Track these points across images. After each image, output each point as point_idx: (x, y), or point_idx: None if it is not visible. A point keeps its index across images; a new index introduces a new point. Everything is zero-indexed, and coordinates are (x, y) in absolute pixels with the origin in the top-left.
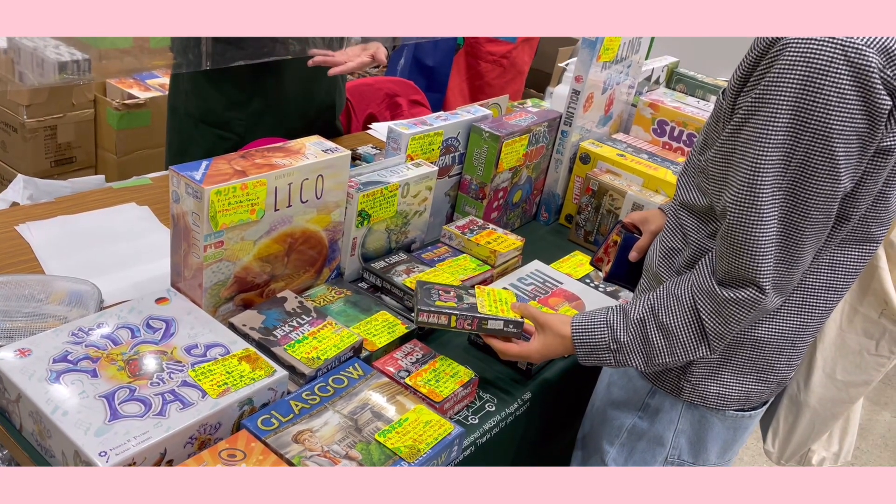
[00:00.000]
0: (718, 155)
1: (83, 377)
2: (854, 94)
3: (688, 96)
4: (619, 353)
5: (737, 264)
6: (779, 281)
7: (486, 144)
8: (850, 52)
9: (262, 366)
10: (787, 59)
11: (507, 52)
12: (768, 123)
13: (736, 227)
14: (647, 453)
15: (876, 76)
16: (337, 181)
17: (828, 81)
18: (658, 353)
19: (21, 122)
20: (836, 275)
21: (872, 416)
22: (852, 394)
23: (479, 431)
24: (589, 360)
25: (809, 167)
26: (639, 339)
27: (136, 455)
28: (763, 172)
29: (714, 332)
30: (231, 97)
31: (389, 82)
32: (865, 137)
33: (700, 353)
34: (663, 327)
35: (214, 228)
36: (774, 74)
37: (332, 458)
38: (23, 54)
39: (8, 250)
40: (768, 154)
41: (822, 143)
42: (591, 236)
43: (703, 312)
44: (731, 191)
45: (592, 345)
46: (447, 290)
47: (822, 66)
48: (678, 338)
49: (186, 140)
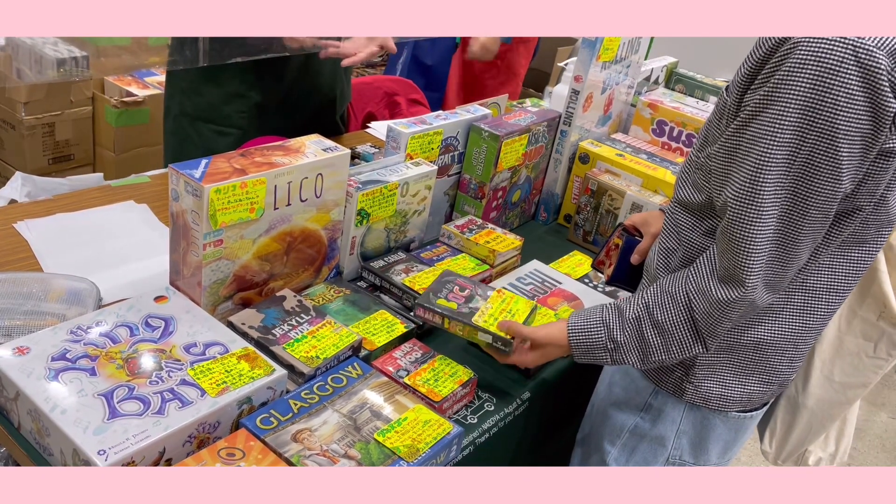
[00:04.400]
0: (721, 150)
1: (82, 375)
2: (862, 95)
3: (687, 96)
4: (616, 352)
5: (731, 259)
6: (770, 278)
7: (486, 144)
8: (861, 53)
9: (261, 365)
10: (798, 58)
11: (502, 54)
12: (776, 121)
13: (735, 223)
14: (649, 454)
15: (884, 78)
16: (336, 180)
17: (837, 81)
18: (654, 352)
19: (19, 119)
20: (838, 277)
21: (869, 416)
22: (850, 395)
23: (478, 431)
24: (585, 359)
25: (813, 166)
26: (635, 338)
27: (135, 454)
28: (767, 169)
29: (706, 330)
30: (230, 90)
31: (388, 81)
32: (869, 139)
33: (696, 350)
34: (658, 326)
35: (214, 227)
36: (784, 72)
37: (331, 457)
38: (21, 51)
39: (6, 248)
40: (774, 151)
41: (827, 143)
42: (589, 236)
43: (696, 311)
44: (733, 186)
45: (589, 344)
46: (463, 288)
47: (833, 66)
48: (673, 336)
49: (184, 141)
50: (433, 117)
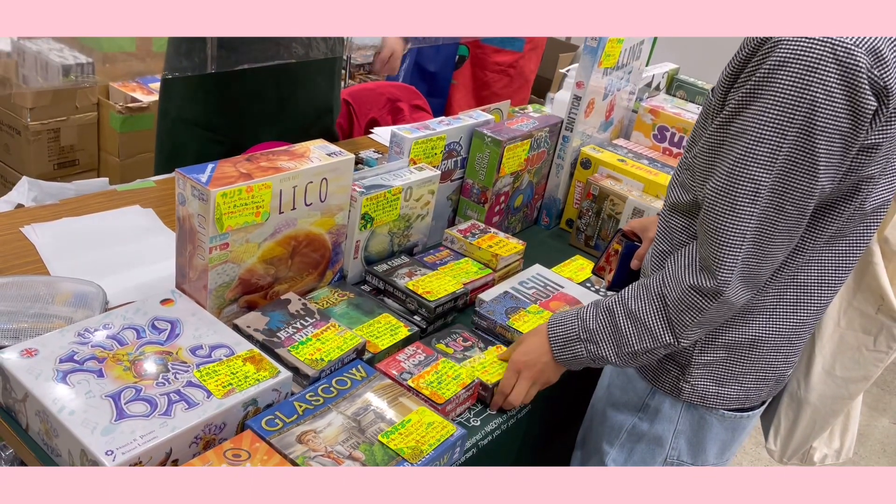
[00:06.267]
0: (705, 148)
1: (89, 377)
2: (841, 93)
3: (688, 102)
4: (590, 342)
5: (706, 250)
6: (746, 275)
7: (488, 149)
8: (840, 51)
9: (267, 367)
10: (778, 57)
11: (514, 62)
12: (757, 118)
13: (711, 214)
14: (647, 454)
15: (863, 76)
16: (341, 184)
17: (816, 79)
18: (627, 341)
19: (24, 125)
20: (828, 271)
21: (871, 421)
22: (852, 390)
23: (481, 433)
24: (564, 354)
25: (791, 163)
26: (608, 327)
27: (142, 454)
28: (747, 165)
29: (677, 319)
30: (228, 100)
31: (391, 87)
32: (848, 137)
33: (666, 340)
34: (631, 314)
35: (220, 230)
36: (764, 71)
37: (336, 458)
38: (27, 57)
39: (13, 252)
40: (755, 148)
41: (805, 140)
42: (591, 241)
43: (668, 298)
44: (713, 180)
45: (563, 336)
46: (467, 339)
47: (812, 65)
48: (645, 324)
49: (178, 144)
50: (436, 122)
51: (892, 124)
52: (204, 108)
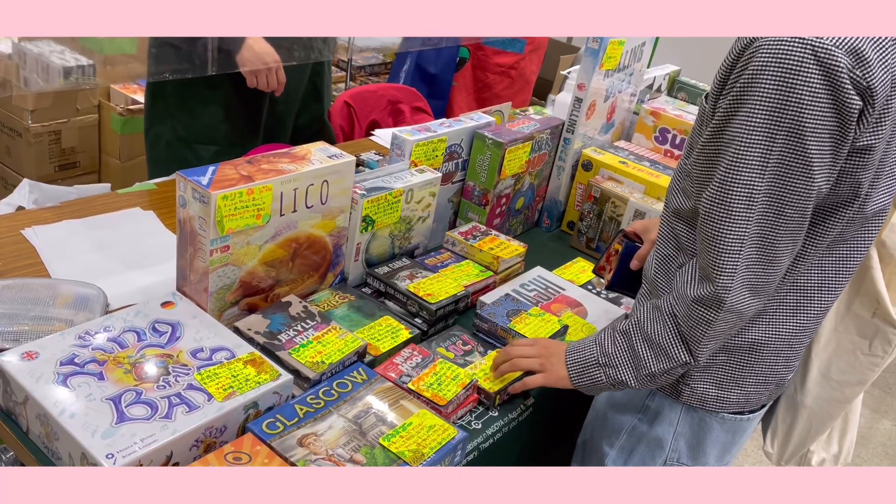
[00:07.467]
0: (701, 157)
1: (90, 380)
2: (825, 93)
3: (689, 104)
4: (609, 367)
5: (704, 258)
6: (753, 282)
7: (490, 151)
8: (819, 51)
9: (267, 370)
10: (761, 60)
11: (516, 63)
12: (745, 123)
13: (707, 222)
14: (647, 455)
15: (845, 76)
16: (341, 187)
17: (800, 81)
18: (645, 363)
19: (25, 127)
20: (829, 275)
21: (873, 424)
22: (848, 393)
23: (483, 436)
24: (582, 379)
25: (784, 166)
26: (626, 350)
27: (143, 457)
28: (739, 171)
29: (689, 335)
30: (217, 113)
31: (392, 89)
32: (837, 137)
33: (683, 359)
34: (647, 337)
35: (221, 233)
36: (749, 75)
37: (337, 461)
38: (28, 59)
39: (14, 254)
40: (745, 153)
41: (795, 142)
42: (592, 243)
43: (679, 317)
44: (708, 190)
45: (582, 362)
46: (467, 343)
47: (794, 67)
48: (661, 346)
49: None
50: (437, 125)
51: (882, 125)
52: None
